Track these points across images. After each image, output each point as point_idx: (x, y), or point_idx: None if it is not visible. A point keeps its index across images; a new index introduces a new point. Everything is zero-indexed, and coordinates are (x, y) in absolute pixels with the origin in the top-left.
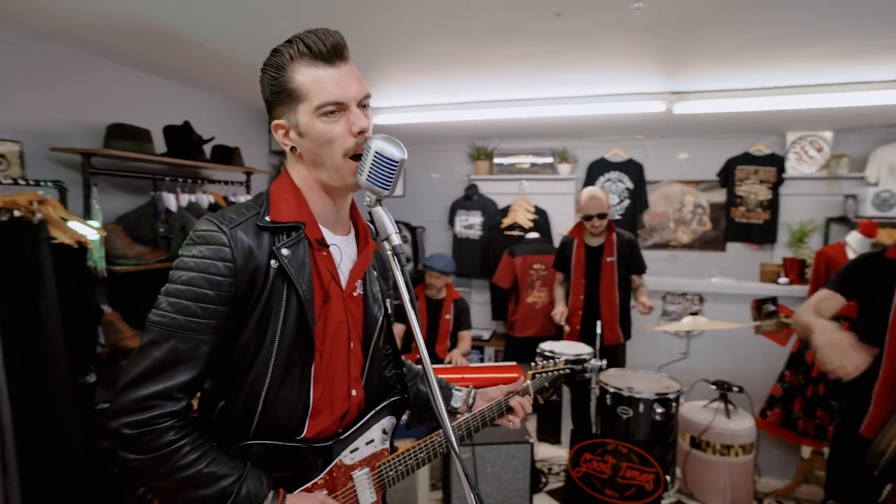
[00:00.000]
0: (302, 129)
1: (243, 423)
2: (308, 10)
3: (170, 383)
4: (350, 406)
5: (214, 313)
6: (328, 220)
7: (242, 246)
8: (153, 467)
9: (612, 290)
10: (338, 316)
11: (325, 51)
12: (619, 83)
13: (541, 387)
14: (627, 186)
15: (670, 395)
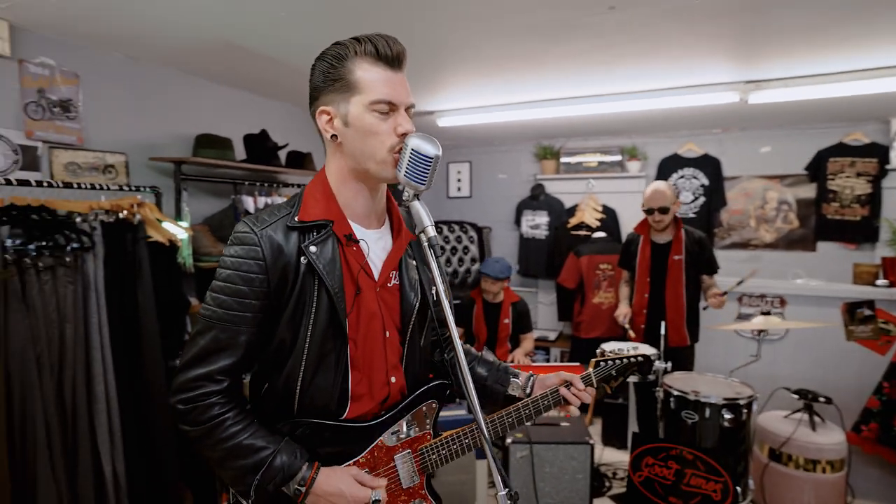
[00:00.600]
0: (350, 118)
1: (285, 404)
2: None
3: (211, 367)
4: (390, 392)
5: (249, 307)
6: (361, 213)
7: (272, 245)
8: (202, 438)
9: (678, 289)
10: (371, 307)
11: (391, 56)
12: (686, 75)
13: (606, 375)
14: (703, 183)
15: (741, 401)
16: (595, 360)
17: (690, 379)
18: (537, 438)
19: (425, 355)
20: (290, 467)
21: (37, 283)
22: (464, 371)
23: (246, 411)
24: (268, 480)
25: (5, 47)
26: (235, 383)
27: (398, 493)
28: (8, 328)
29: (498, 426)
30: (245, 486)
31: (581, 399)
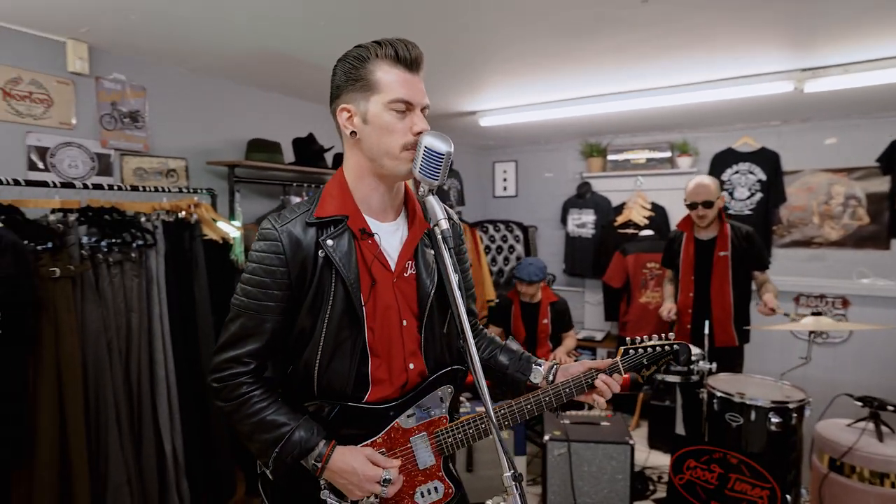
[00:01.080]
0: (369, 116)
1: (307, 387)
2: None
3: (240, 351)
4: (409, 377)
5: (272, 297)
6: (376, 207)
7: (291, 240)
8: (233, 413)
9: (725, 287)
10: (386, 297)
11: (409, 59)
12: (734, 65)
13: (636, 364)
14: (760, 178)
15: (790, 405)
16: (624, 347)
17: (737, 381)
18: (576, 437)
19: (448, 341)
20: (307, 443)
21: (107, 276)
22: (473, 358)
23: (271, 391)
24: (286, 454)
25: (84, 66)
26: (262, 365)
27: (415, 473)
28: (84, 316)
29: (517, 412)
30: (267, 458)
31: (610, 387)
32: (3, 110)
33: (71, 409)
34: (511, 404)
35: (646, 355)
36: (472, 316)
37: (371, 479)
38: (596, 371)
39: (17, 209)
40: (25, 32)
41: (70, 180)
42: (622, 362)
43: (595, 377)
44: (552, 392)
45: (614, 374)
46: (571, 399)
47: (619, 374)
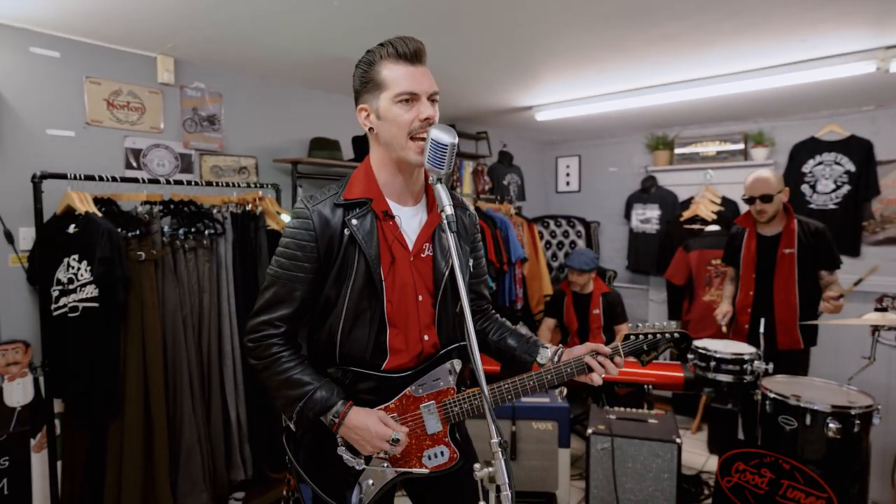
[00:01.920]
0: (381, 112)
1: (329, 352)
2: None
3: (272, 315)
4: (423, 348)
5: (302, 268)
6: (397, 193)
7: (321, 218)
8: (263, 370)
9: (790, 286)
10: (403, 273)
11: (409, 53)
12: (800, 48)
13: (637, 349)
14: (847, 169)
15: (853, 411)
16: (627, 332)
17: (796, 383)
18: (620, 432)
19: (460, 320)
20: (327, 401)
21: (184, 261)
22: (470, 335)
23: (299, 353)
24: (308, 409)
25: (171, 77)
26: (292, 330)
27: (423, 437)
28: (164, 294)
29: (519, 387)
30: (291, 412)
31: (606, 369)
32: (107, 118)
33: (152, 373)
34: (514, 380)
35: (646, 341)
36: (483, 300)
37: (382, 437)
38: (596, 353)
39: (114, 202)
40: (124, 51)
41: (157, 177)
42: (623, 346)
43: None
44: (553, 371)
45: (615, 357)
46: (572, 378)
47: (620, 358)
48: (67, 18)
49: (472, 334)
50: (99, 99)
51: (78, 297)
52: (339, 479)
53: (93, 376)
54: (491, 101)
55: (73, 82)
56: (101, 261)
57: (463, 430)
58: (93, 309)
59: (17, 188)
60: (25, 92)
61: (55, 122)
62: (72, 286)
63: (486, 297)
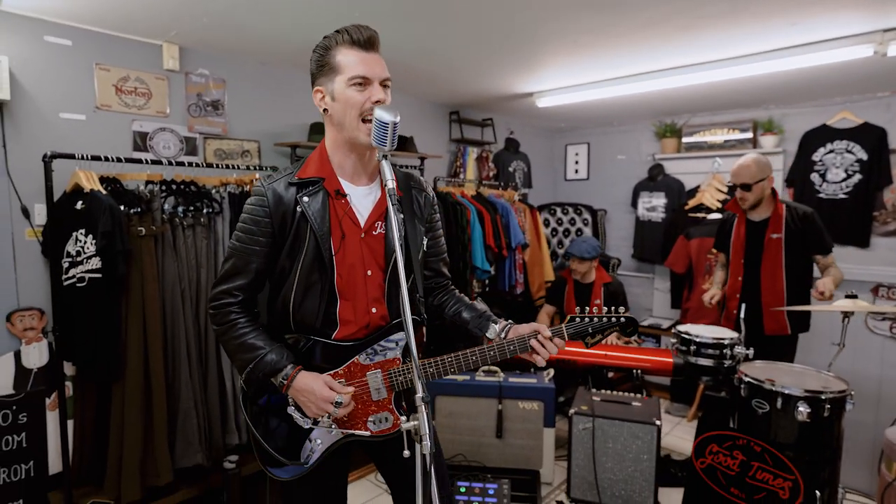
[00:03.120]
0: (335, 94)
1: (285, 320)
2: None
3: (230, 285)
4: (371, 320)
5: (258, 242)
6: (350, 173)
7: (275, 195)
8: (222, 335)
9: (777, 271)
10: (354, 249)
11: (362, 40)
12: (790, 32)
13: (581, 331)
14: (859, 158)
15: (824, 396)
16: (572, 315)
17: (773, 368)
18: (603, 413)
19: (411, 295)
20: (276, 364)
21: (182, 237)
22: (405, 310)
23: (256, 320)
24: (258, 370)
25: (176, 64)
26: (249, 298)
27: (368, 403)
28: (163, 268)
29: (462, 362)
30: (243, 373)
31: (547, 349)
32: (116, 103)
33: (151, 340)
34: (458, 355)
35: (591, 324)
36: (441, 277)
37: (326, 400)
38: (537, 333)
39: (119, 181)
40: (131, 39)
41: (161, 159)
42: (566, 328)
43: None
44: (497, 348)
45: (556, 338)
46: (515, 356)
47: (560, 340)
48: (78, 8)
49: (408, 308)
50: (108, 85)
51: (85, 269)
52: (289, 437)
53: (97, 342)
54: (493, 88)
55: (84, 69)
56: (103, 234)
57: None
58: (97, 279)
59: (32, 168)
60: (40, 78)
61: (67, 107)
62: (79, 258)
63: (444, 273)
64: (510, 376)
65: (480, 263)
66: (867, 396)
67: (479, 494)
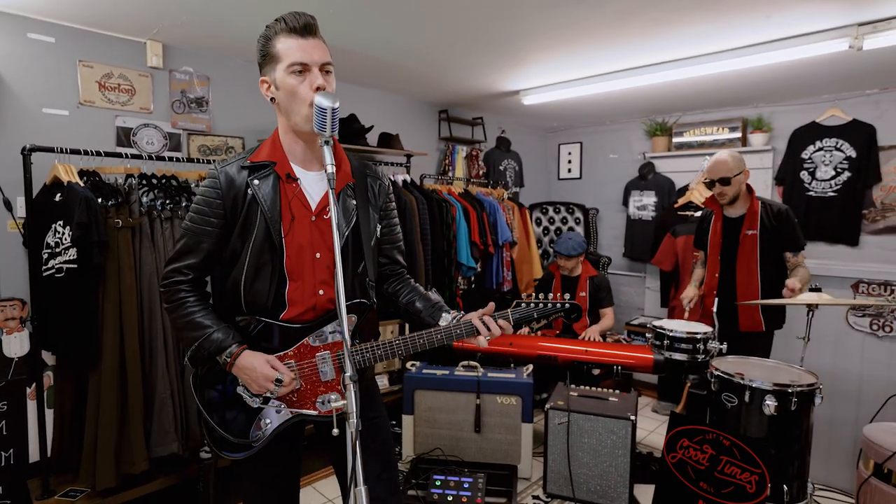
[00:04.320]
0: (278, 83)
1: (236, 301)
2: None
3: (180, 264)
4: (318, 302)
5: (209, 223)
6: (302, 158)
7: (227, 178)
8: (171, 312)
9: (752, 267)
10: (303, 232)
11: (299, 27)
12: (772, 24)
13: (526, 316)
14: (848, 155)
15: (790, 389)
16: (518, 300)
17: (746, 363)
18: (577, 408)
19: (360, 280)
20: (221, 342)
21: (160, 229)
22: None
23: (204, 300)
24: (203, 349)
25: (159, 62)
26: (199, 278)
27: (317, 384)
28: (141, 259)
29: (409, 345)
30: (189, 350)
31: (491, 330)
32: (100, 99)
33: (128, 330)
34: (406, 338)
35: (535, 309)
36: (396, 265)
37: (267, 378)
38: (484, 316)
39: (98, 174)
40: (115, 36)
41: (146, 154)
42: (512, 313)
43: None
44: (444, 331)
45: (501, 320)
46: (461, 339)
47: (504, 322)
48: (61, 6)
49: (342, 291)
50: (91, 81)
51: (63, 259)
52: (239, 417)
53: (73, 331)
54: (479, 87)
55: (67, 65)
56: (78, 225)
57: (367, 385)
58: (73, 270)
59: (14, 161)
60: (23, 74)
61: (50, 102)
62: (58, 249)
63: (399, 262)
64: (489, 371)
65: (466, 260)
66: (847, 394)
67: (454, 488)
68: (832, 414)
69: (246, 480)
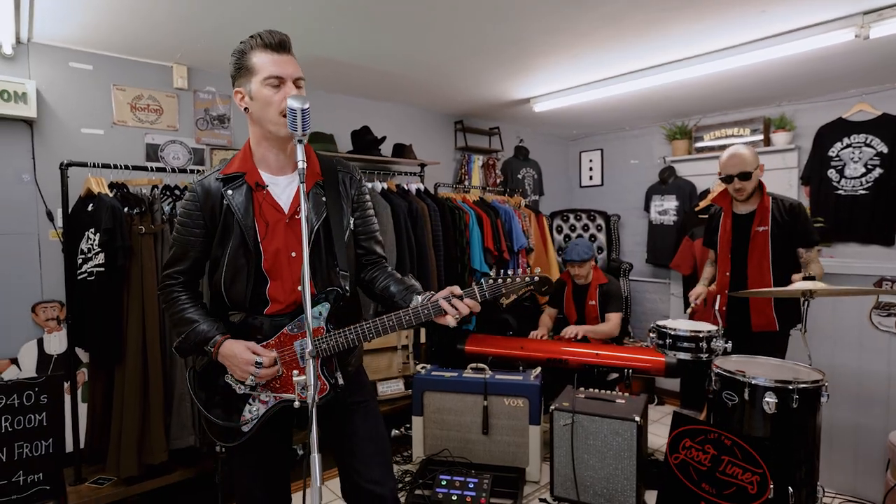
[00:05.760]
0: (253, 94)
1: (222, 301)
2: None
3: (172, 270)
4: (297, 297)
5: (192, 233)
6: (273, 165)
7: (204, 191)
8: (166, 310)
9: (763, 264)
10: (278, 234)
11: (274, 43)
12: (769, 19)
13: (495, 291)
14: (880, 151)
15: (791, 386)
16: (486, 277)
17: (751, 362)
18: (582, 409)
19: (335, 271)
20: (206, 333)
21: None
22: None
23: (196, 299)
24: (190, 340)
25: (185, 83)
26: (189, 280)
27: (296, 367)
28: (162, 262)
29: (380, 326)
30: (177, 341)
31: (458, 309)
32: (131, 119)
33: (150, 329)
34: (376, 320)
35: (503, 284)
36: (374, 255)
37: (247, 362)
38: (452, 295)
39: (126, 186)
40: (145, 62)
41: (171, 167)
42: (478, 289)
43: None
44: (411, 312)
45: (468, 299)
46: (430, 319)
47: (471, 300)
48: (98, 37)
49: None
50: (124, 103)
51: (93, 263)
52: (228, 405)
53: (101, 329)
54: (490, 96)
55: (103, 90)
56: (104, 231)
57: (350, 372)
58: (101, 273)
59: (57, 176)
60: (65, 98)
61: (88, 123)
62: (90, 254)
63: (375, 251)
64: (497, 373)
65: (479, 266)
66: (875, 398)
67: (460, 488)
68: (858, 420)
69: (237, 468)
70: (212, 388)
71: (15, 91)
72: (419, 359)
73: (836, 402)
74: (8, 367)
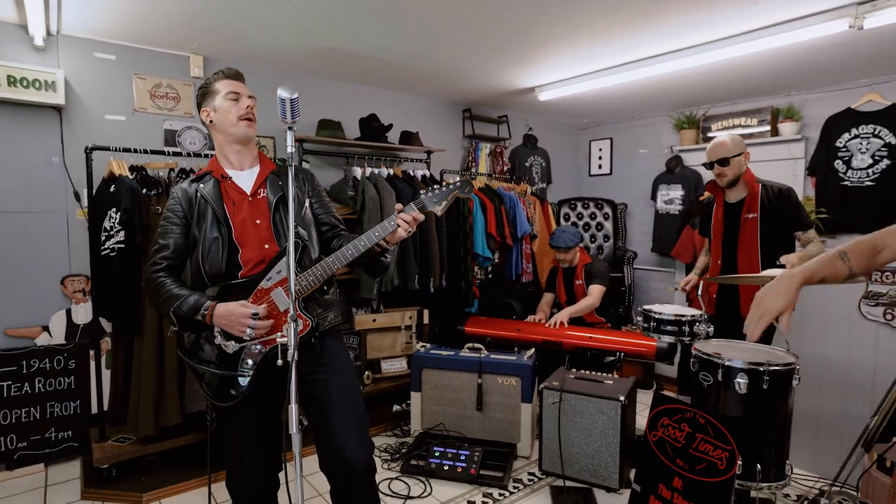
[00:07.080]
0: (217, 107)
1: (200, 275)
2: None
3: (156, 256)
4: (265, 254)
5: (174, 223)
6: (233, 162)
7: (182, 190)
8: (152, 295)
9: (753, 251)
10: (244, 209)
11: (232, 73)
12: (761, 10)
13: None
14: (888, 142)
15: (762, 368)
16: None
17: (729, 345)
18: (571, 388)
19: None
20: (197, 302)
21: None
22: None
23: (179, 281)
24: (182, 308)
25: (201, 72)
26: (172, 266)
27: (279, 315)
28: None
29: (341, 257)
30: (171, 316)
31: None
32: (151, 106)
33: None
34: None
35: (434, 193)
36: (336, 228)
37: (245, 315)
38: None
39: (145, 169)
40: (164, 52)
41: (186, 152)
42: (415, 203)
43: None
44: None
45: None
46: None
47: (414, 212)
48: (120, 28)
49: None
50: (144, 91)
51: (115, 241)
52: (224, 369)
53: (121, 301)
54: (496, 85)
55: (125, 78)
56: (124, 210)
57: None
58: (122, 249)
59: (83, 159)
60: (90, 87)
61: (111, 109)
62: (112, 232)
63: (336, 224)
64: (492, 353)
65: (481, 250)
66: (862, 386)
67: (451, 459)
68: (845, 406)
69: (228, 436)
70: (204, 355)
71: (45, 80)
72: (422, 338)
73: (824, 390)
74: (40, 333)
